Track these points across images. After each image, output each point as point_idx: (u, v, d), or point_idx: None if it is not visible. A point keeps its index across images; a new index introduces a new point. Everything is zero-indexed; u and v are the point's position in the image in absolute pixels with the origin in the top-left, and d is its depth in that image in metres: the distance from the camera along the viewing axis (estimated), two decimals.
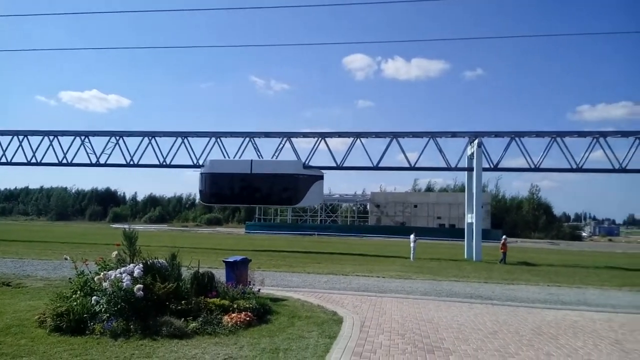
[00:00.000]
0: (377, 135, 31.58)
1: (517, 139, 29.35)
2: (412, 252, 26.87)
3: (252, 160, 31.01)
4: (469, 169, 30.51)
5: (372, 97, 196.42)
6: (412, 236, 27.73)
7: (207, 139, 32.65)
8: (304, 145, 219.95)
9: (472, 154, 29.75)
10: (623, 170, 28.49)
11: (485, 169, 29.44)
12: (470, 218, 30.62)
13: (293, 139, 32.22)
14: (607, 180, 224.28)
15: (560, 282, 17.48)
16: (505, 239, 28.23)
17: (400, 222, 75.70)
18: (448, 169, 30.37)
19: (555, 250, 48.81)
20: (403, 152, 30.77)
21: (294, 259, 23.68)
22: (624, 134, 29.30)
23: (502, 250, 26.96)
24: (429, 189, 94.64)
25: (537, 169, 29.47)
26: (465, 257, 29.81)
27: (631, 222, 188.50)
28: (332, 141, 34.06)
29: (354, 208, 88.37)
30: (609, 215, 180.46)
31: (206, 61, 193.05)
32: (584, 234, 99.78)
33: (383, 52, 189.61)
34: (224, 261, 10.68)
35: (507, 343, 7.58)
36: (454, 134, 30.68)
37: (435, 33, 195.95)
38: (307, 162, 31.40)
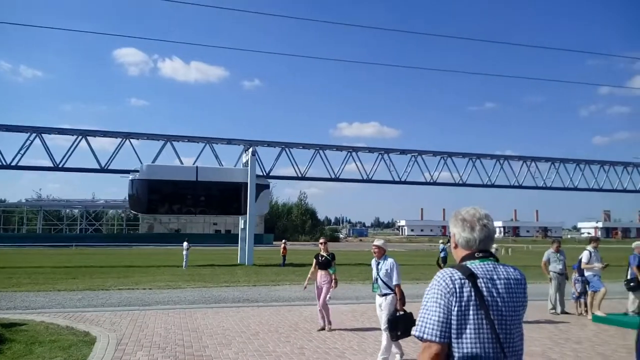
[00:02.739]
0: (150, 137, 29.89)
1: (287, 149, 31.66)
2: (184, 259, 26.16)
3: (197, 167, 28.07)
4: None
5: (146, 96, 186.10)
6: (185, 243, 27.01)
7: None
8: (60, 142, 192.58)
9: (247, 161, 30.82)
10: (370, 180, 33.64)
11: (258, 176, 30.83)
12: (243, 224, 31.54)
13: (45, 135, 27.86)
14: (359, 188, 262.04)
15: None
16: (285, 243, 30.85)
17: (175, 229, 73.30)
18: None
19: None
20: (178, 156, 29.98)
21: (41, 276, 20.29)
22: (371, 149, 34.62)
23: (282, 254, 28.86)
24: None
25: (303, 178, 32.41)
26: (239, 261, 30.55)
27: (377, 224, 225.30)
28: (96, 141, 30.81)
29: (123, 215, 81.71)
30: (360, 219, 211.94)
31: None
32: (341, 235, 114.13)
33: (160, 50, 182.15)
34: None
35: (267, 342, 7.94)
36: (229, 141, 31.27)
37: (216, 40, 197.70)
38: (63, 163, 27.57)
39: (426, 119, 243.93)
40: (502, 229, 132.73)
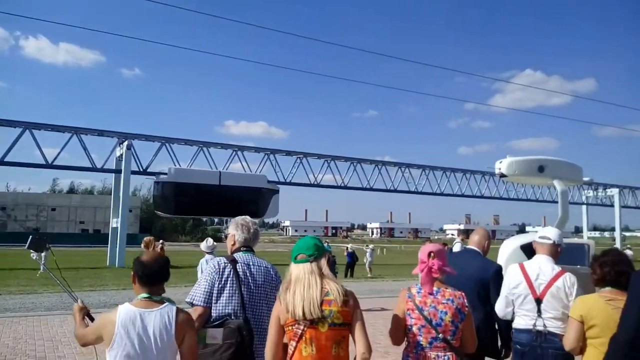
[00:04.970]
0: (5, 123, 26.25)
1: (167, 144, 30.06)
2: (42, 262, 23.39)
3: (220, 172, 29.91)
4: (117, 171, 29.19)
5: (4, 76, 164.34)
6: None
7: None
8: None
9: (122, 155, 28.61)
10: None
11: (134, 172, 28.82)
12: (115, 223, 29.27)
13: None
14: None
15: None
16: (162, 244, 29.24)
17: (34, 228, 65.53)
18: (93, 169, 28.23)
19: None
20: (38, 146, 26.73)
21: None
22: (257, 149, 34.38)
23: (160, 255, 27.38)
24: (72, 190, 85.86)
25: None
26: (108, 264, 28.22)
27: (262, 224, 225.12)
28: None
29: None
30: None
31: None
32: (224, 236, 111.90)
33: (23, 26, 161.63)
34: None
35: None
36: (101, 133, 28.75)
37: (88, 22, 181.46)
38: None
39: (312, 122, 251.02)
40: (378, 230, 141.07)
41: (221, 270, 2.98)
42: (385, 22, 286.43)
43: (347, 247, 26.25)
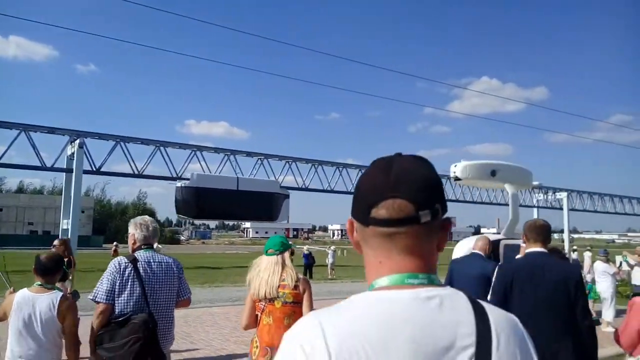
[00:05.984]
0: None
1: (122, 143, 29.12)
2: None
3: (238, 178, 30.77)
4: (68, 170, 27.99)
5: None
6: None
7: None
8: None
9: (73, 154, 27.45)
10: None
11: (86, 172, 27.71)
12: (66, 224, 28.06)
13: None
14: None
15: None
16: (116, 246, 28.69)
17: None
18: (43, 168, 27.00)
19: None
20: None
21: None
22: (217, 150, 33.83)
23: (113, 257, 26.74)
24: (20, 190, 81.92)
25: (140, 175, 30.15)
26: None
27: (222, 226, 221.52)
28: None
29: None
30: (204, 221, 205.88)
31: None
32: (182, 237, 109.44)
33: None
34: None
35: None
36: (52, 130, 27.51)
37: (40, 15, 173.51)
38: None
39: (275, 124, 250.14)
40: (339, 232, 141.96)
41: (122, 269, 3.23)
42: (349, 27, 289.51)
43: (304, 249, 26.30)
